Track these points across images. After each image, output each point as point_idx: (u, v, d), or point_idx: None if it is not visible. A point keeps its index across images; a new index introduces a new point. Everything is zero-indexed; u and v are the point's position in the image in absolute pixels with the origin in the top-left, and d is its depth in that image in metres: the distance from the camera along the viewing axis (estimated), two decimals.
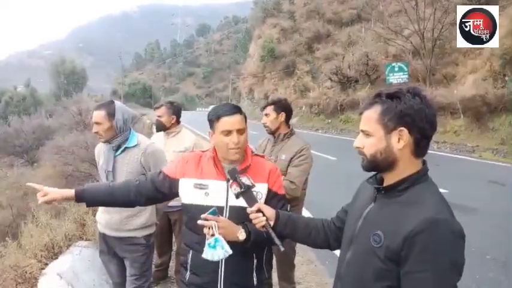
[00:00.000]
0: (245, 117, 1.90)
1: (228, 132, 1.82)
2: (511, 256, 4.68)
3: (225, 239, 1.68)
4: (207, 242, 1.68)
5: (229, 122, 1.82)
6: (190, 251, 1.92)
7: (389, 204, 1.31)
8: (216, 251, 1.65)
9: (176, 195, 1.97)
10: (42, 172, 14.05)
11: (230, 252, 1.66)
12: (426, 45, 20.23)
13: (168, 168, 2.02)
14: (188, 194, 1.90)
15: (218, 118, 1.84)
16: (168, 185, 1.95)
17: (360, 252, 1.35)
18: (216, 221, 1.68)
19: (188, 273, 1.94)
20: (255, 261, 1.90)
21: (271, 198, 1.86)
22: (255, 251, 1.88)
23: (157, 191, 1.97)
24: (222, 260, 1.76)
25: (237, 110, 1.87)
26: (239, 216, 1.78)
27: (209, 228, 1.67)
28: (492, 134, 14.44)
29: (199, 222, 1.69)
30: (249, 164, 1.88)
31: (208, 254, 1.68)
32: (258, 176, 1.83)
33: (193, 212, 1.84)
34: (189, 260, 1.92)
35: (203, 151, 2.01)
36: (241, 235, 1.73)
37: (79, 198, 1.94)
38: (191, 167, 1.93)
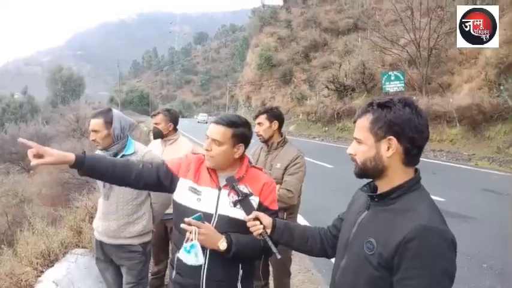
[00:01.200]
0: (236, 134, 1.86)
1: (207, 137, 1.88)
2: (508, 264, 4.69)
3: (204, 246, 1.70)
4: (184, 244, 1.69)
5: (210, 128, 1.88)
6: (177, 251, 1.94)
7: (382, 212, 1.33)
8: (190, 256, 1.66)
9: (169, 190, 1.97)
10: (38, 179, 13.96)
11: (201, 262, 1.68)
12: (422, 54, 20.42)
13: (172, 163, 2.00)
14: (182, 194, 1.91)
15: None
16: (170, 179, 1.94)
17: (353, 260, 1.36)
18: (198, 227, 1.69)
19: (174, 271, 1.96)
20: (240, 271, 1.88)
21: (262, 212, 1.79)
22: (240, 262, 1.87)
23: (158, 180, 1.93)
24: (204, 266, 1.79)
25: (223, 122, 1.86)
26: (228, 225, 1.79)
27: (190, 232, 1.67)
28: (488, 143, 14.52)
29: (182, 225, 1.70)
30: (243, 176, 1.88)
31: (182, 256, 1.69)
32: (251, 188, 1.82)
33: (182, 212, 1.85)
34: (175, 259, 1.94)
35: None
36: (222, 245, 1.73)
37: (78, 163, 1.73)
38: (191, 170, 1.95)
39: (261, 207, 1.86)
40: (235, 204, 1.75)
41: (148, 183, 1.94)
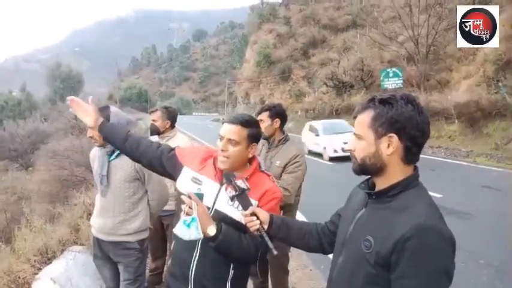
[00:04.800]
0: (250, 133, 1.85)
1: (221, 138, 1.85)
2: (505, 261, 4.70)
3: None
4: (183, 218, 1.63)
5: (224, 127, 1.86)
6: (174, 241, 1.95)
7: (380, 210, 1.31)
8: (190, 230, 1.62)
9: (173, 177, 1.99)
10: (37, 176, 13.94)
11: (202, 236, 1.64)
12: (420, 51, 20.43)
13: (180, 150, 2.05)
14: (185, 183, 1.91)
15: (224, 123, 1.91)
16: (172, 165, 1.97)
17: (350, 257, 1.35)
18: (197, 204, 1.65)
19: (171, 260, 1.99)
20: (231, 271, 1.85)
21: None
22: (233, 262, 1.84)
23: (160, 162, 1.99)
24: (195, 259, 1.81)
25: (238, 121, 1.84)
26: (222, 222, 1.76)
27: (188, 206, 1.64)
28: (486, 139, 14.52)
29: (182, 197, 1.67)
30: (247, 177, 1.84)
31: (180, 231, 1.64)
32: (252, 192, 1.79)
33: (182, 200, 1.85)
34: (172, 248, 1.97)
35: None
36: (211, 230, 1.69)
37: (100, 126, 2.04)
38: (197, 159, 1.95)
39: None
40: (232, 198, 1.74)
41: (152, 162, 2.02)
